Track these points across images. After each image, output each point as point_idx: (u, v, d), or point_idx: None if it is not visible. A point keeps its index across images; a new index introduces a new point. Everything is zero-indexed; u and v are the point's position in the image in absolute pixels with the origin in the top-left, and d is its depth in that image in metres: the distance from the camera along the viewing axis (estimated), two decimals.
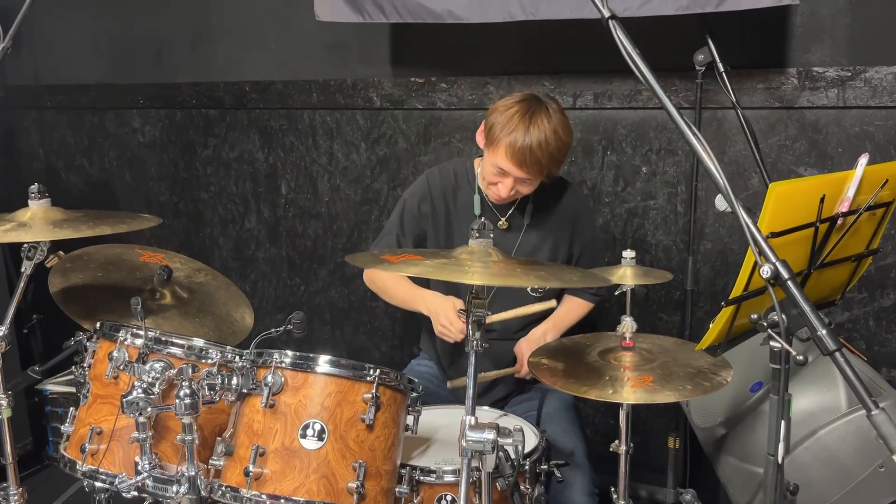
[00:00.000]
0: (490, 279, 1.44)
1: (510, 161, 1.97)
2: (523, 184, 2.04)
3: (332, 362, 1.57)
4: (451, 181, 2.23)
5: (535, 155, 1.95)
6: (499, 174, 2.02)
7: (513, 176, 2.00)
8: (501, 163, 1.99)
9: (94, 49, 3.50)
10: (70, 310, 1.99)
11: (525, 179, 2.01)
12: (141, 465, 1.56)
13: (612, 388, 1.60)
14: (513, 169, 1.98)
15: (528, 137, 1.94)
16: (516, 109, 1.98)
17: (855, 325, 2.45)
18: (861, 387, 1.09)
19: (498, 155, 1.99)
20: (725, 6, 2.20)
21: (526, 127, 1.95)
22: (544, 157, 1.96)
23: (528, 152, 1.94)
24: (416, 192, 2.26)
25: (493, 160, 2.01)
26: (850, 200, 1.45)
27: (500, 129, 1.97)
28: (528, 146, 1.94)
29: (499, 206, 2.18)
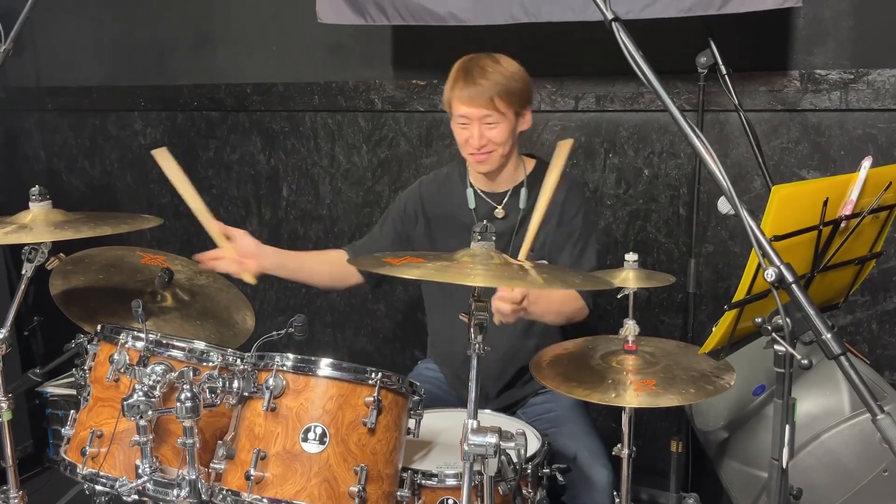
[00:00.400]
0: (492, 281, 1.43)
1: (462, 103, 2.00)
2: (488, 126, 2.02)
3: (334, 366, 1.56)
4: (444, 182, 2.25)
5: (480, 86, 1.98)
6: (463, 126, 2.04)
7: (474, 119, 2.01)
8: (458, 110, 2.02)
9: (96, 51, 3.50)
10: (71, 312, 1.99)
11: (485, 117, 2.00)
12: (142, 469, 1.55)
13: (615, 391, 1.60)
14: (468, 109, 2.00)
15: (469, 75, 2.01)
16: (455, 68, 2.06)
17: (858, 329, 2.45)
18: (866, 391, 1.08)
19: (454, 107, 2.04)
20: (728, 8, 2.20)
21: (466, 69, 2.03)
22: (490, 86, 1.98)
23: (473, 86, 1.99)
24: (407, 195, 2.29)
25: (454, 115, 2.05)
26: (854, 203, 1.45)
27: (449, 88, 2.06)
28: (471, 80, 1.99)
29: (493, 196, 2.17)
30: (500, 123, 2.02)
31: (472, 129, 2.02)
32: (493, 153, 2.06)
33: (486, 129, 2.02)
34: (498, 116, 2.01)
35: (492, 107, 1.99)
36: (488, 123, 2.02)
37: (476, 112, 2.00)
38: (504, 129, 2.03)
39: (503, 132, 2.04)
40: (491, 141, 2.04)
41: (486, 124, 2.02)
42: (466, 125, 2.04)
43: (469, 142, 2.04)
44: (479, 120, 2.01)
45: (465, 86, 2.00)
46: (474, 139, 2.03)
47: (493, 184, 2.18)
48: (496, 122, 2.02)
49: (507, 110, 2.02)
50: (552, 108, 2.72)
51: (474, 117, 2.01)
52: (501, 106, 2.00)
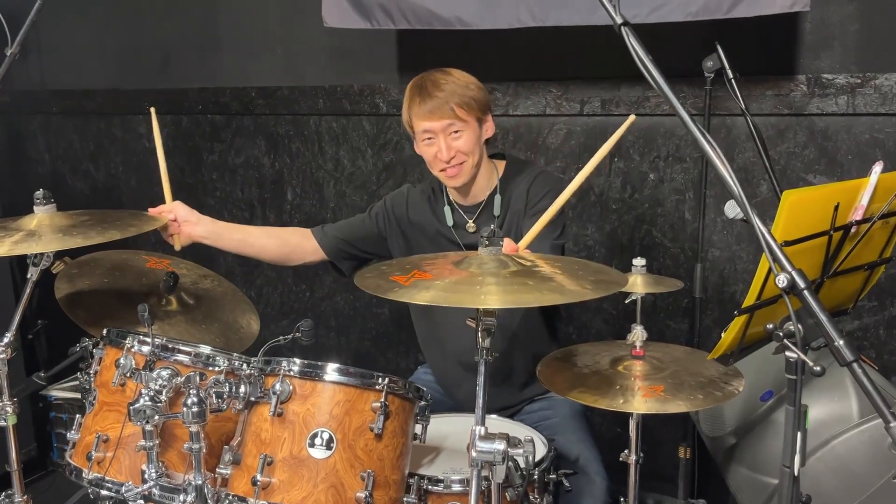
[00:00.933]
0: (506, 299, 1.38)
1: (423, 119, 2.00)
2: (453, 136, 2.00)
3: (341, 371, 1.55)
4: (429, 195, 2.21)
5: (437, 98, 1.98)
6: (428, 143, 2.03)
7: (438, 132, 2.00)
8: (420, 127, 2.01)
9: (101, 54, 3.50)
10: (76, 316, 1.99)
11: (448, 126, 1.99)
12: (147, 474, 1.55)
13: (623, 397, 1.59)
14: (430, 124, 1.99)
15: (423, 90, 2.01)
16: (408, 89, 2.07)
17: (865, 334, 2.44)
18: (879, 398, 1.08)
19: (416, 126, 2.03)
20: (735, 13, 2.20)
21: (420, 86, 2.03)
22: (446, 96, 1.98)
23: (430, 99, 1.98)
24: (395, 196, 2.27)
25: (418, 134, 2.04)
26: (864, 208, 1.44)
27: (406, 108, 2.05)
28: (427, 94, 1.99)
29: (467, 209, 2.15)
30: (465, 132, 2.01)
31: (439, 143, 2.00)
32: (464, 164, 2.03)
33: (451, 139, 2.00)
34: (461, 125, 2.00)
35: (453, 115, 1.98)
36: (453, 133, 2.00)
37: (438, 124, 1.99)
38: (470, 137, 2.02)
39: (470, 140, 2.02)
40: (459, 151, 2.01)
41: (451, 135, 2.00)
42: (431, 140, 2.02)
43: (437, 156, 2.02)
44: (442, 132, 2.00)
45: (423, 101, 1.99)
46: (442, 152, 2.00)
47: (468, 196, 2.14)
48: (461, 131, 2.00)
49: (468, 117, 2.00)
50: (557, 112, 2.72)
51: (438, 130, 1.99)
52: (462, 114, 1.99)
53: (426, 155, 2.06)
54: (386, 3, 2.60)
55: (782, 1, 2.15)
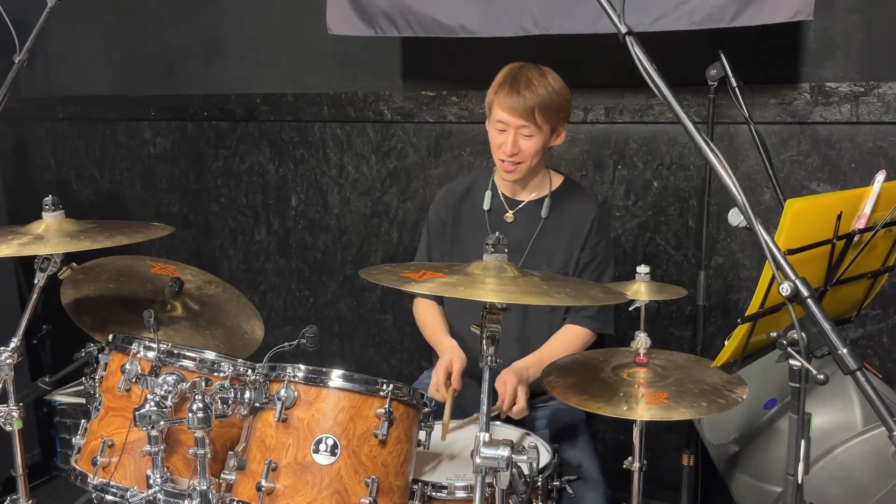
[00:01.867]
0: (505, 296, 1.42)
1: (503, 109, 2.03)
2: (524, 137, 2.05)
3: (345, 377, 1.56)
4: (468, 186, 2.28)
5: (523, 97, 2.01)
6: (499, 132, 2.07)
7: (511, 127, 2.04)
8: (497, 115, 2.05)
9: (107, 61, 3.52)
10: (81, 321, 1.99)
11: (522, 127, 2.03)
12: (153, 479, 1.55)
13: (627, 404, 1.59)
14: (507, 117, 2.03)
15: (515, 84, 2.04)
16: (502, 73, 2.10)
17: (869, 342, 2.44)
18: (882, 406, 1.08)
19: (493, 112, 2.07)
20: (738, 21, 2.21)
21: (513, 77, 2.06)
22: (533, 98, 2.02)
23: (517, 96, 2.02)
24: (436, 203, 2.33)
25: (492, 119, 2.08)
26: (867, 217, 1.44)
27: (493, 91, 2.08)
28: (516, 89, 2.03)
29: (510, 201, 2.20)
30: (535, 136, 2.05)
31: (508, 136, 2.05)
32: (521, 164, 2.08)
33: (520, 138, 2.05)
34: (534, 129, 2.04)
35: (531, 119, 2.02)
36: (524, 134, 2.05)
37: (515, 121, 2.03)
38: (537, 142, 2.06)
39: (536, 144, 2.06)
40: (522, 151, 2.06)
41: (521, 134, 2.05)
42: (503, 131, 2.06)
43: (502, 147, 2.07)
44: (515, 129, 2.04)
45: (510, 94, 2.03)
46: (507, 146, 2.05)
47: (516, 191, 2.20)
48: (532, 135, 2.05)
49: (544, 124, 2.04)
50: None
51: (512, 125, 2.04)
52: (540, 120, 2.03)
53: (493, 140, 2.11)
54: (390, 11, 2.61)
55: (786, 10, 2.15)
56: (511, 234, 2.12)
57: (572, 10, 2.37)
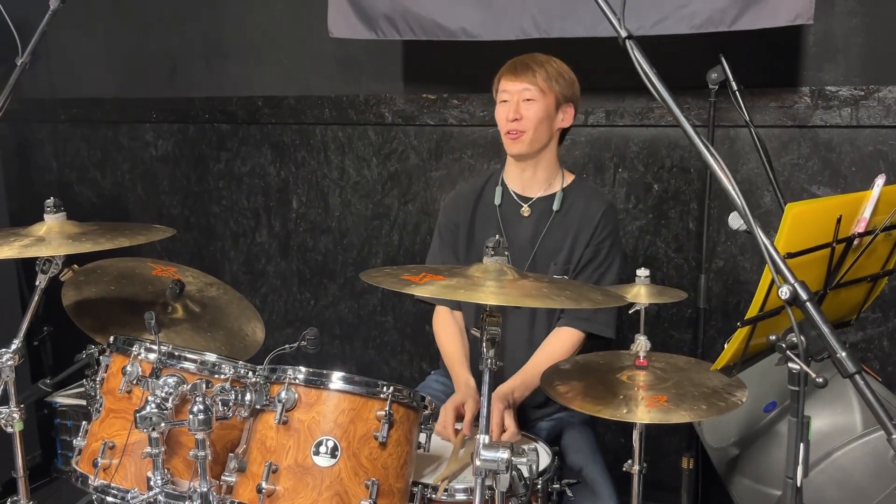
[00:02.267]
0: (505, 299, 1.42)
1: (507, 79, 2.06)
2: (525, 103, 2.04)
3: (346, 379, 1.56)
4: (479, 186, 2.25)
5: (526, 64, 2.05)
6: (504, 104, 2.07)
7: (514, 94, 2.05)
8: (501, 88, 2.08)
9: (109, 63, 3.53)
10: (82, 323, 2.00)
11: (524, 90, 2.04)
12: (153, 481, 1.55)
13: (627, 407, 1.59)
14: (510, 84, 2.05)
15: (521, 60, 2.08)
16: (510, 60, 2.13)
17: (869, 346, 2.44)
18: (881, 409, 1.08)
19: (500, 84, 2.09)
20: (739, 25, 2.21)
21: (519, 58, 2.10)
22: (537, 66, 2.04)
23: (519, 62, 2.06)
24: (446, 205, 2.30)
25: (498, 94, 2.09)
26: (867, 221, 1.45)
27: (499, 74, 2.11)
28: (522, 62, 2.06)
29: (521, 198, 2.16)
30: (538, 101, 2.04)
31: (511, 104, 2.05)
32: (524, 134, 2.05)
33: (523, 104, 2.04)
34: (537, 92, 2.03)
35: (533, 81, 2.03)
36: (526, 99, 2.04)
37: (517, 85, 2.04)
38: (540, 109, 2.04)
39: (539, 111, 2.04)
40: (525, 117, 2.04)
41: (524, 100, 2.04)
42: (506, 102, 2.06)
43: (506, 117, 2.06)
44: (518, 94, 2.04)
45: (514, 66, 2.06)
46: (510, 111, 2.04)
47: (526, 186, 2.17)
48: (533, 98, 2.04)
49: (547, 90, 2.04)
50: None
51: (514, 91, 2.04)
52: (543, 83, 2.03)
53: (498, 114, 2.10)
54: (391, 14, 2.62)
55: (786, 14, 2.16)
56: (525, 229, 2.13)
57: (573, 13, 2.38)
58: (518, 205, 2.16)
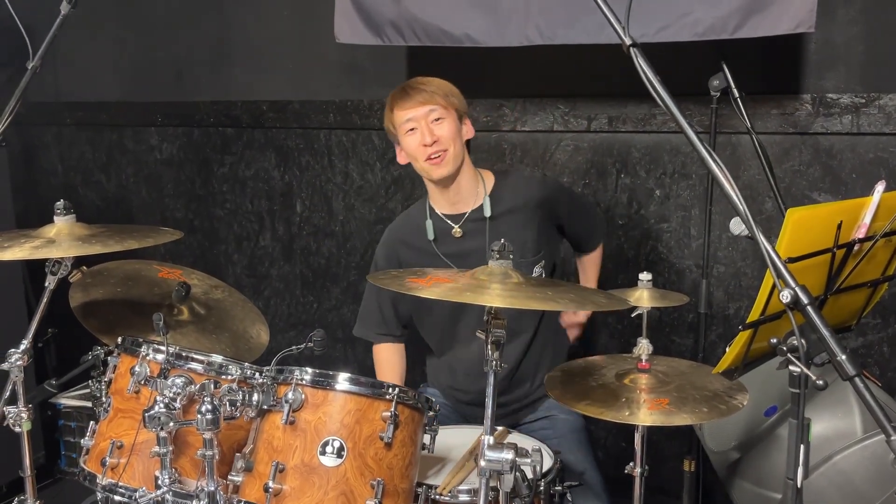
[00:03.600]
0: (510, 301, 1.44)
1: (404, 109, 2.06)
2: (435, 123, 2.06)
3: (352, 380, 1.58)
4: (408, 221, 2.25)
5: (417, 87, 2.07)
6: (412, 133, 2.07)
7: (420, 119, 2.05)
8: (401, 119, 2.07)
9: (115, 67, 3.55)
10: (89, 324, 2.01)
11: (430, 112, 2.05)
12: (161, 480, 1.57)
13: (629, 409, 1.61)
14: (412, 112, 2.05)
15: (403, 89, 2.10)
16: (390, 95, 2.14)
17: (869, 351, 2.45)
18: (880, 412, 1.10)
19: (397, 121, 2.09)
20: (741, 33, 2.23)
21: (400, 88, 2.12)
22: (428, 86, 2.07)
23: (409, 88, 2.08)
24: (380, 248, 2.29)
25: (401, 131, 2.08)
26: (867, 227, 1.46)
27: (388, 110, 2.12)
28: (408, 89, 2.08)
29: (453, 217, 2.16)
30: (446, 119, 2.06)
31: (421, 129, 2.05)
32: (446, 152, 2.06)
33: (434, 125, 2.05)
34: (442, 111, 2.06)
35: (434, 101, 2.05)
36: (435, 120, 2.05)
37: (420, 110, 2.05)
38: (451, 126, 2.07)
39: (451, 128, 2.06)
40: (441, 137, 2.05)
41: (433, 122, 2.05)
42: (414, 130, 2.06)
43: (422, 143, 2.05)
44: (425, 118, 2.05)
45: (404, 95, 2.07)
46: (425, 137, 2.04)
47: (455, 204, 2.16)
48: (442, 118, 2.06)
49: (448, 105, 2.06)
50: (565, 129, 2.75)
51: (420, 117, 2.05)
52: (443, 101, 2.06)
53: (409, 146, 2.08)
54: (396, 20, 2.64)
55: (788, 22, 2.18)
56: (464, 247, 2.13)
57: (577, 20, 2.39)
58: (450, 227, 2.16)
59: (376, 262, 2.29)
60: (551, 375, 1.82)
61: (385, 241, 2.28)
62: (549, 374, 1.83)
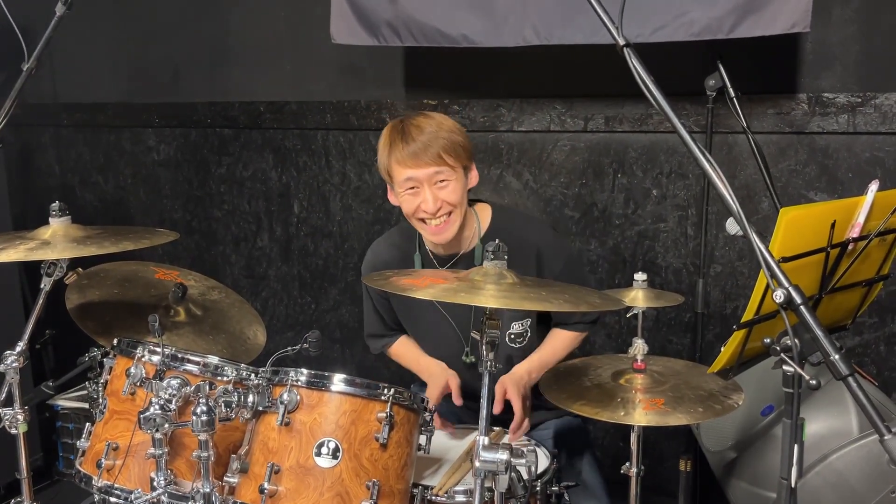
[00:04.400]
0: (505, 302, 1.45)
1: (405, 165, 1.83)
2: (439, 186, 1.85)
3: (347, 381, 1.58)
4: (396, 251, 2.11)
5: (421, 142, 1.82)
6: (412, 192, 1.86)
7: (423, 182, 1.84)
8: (401, 176, 1.85)
9: (112, 68, 3.56)
10: (86, 326, 2.01)
11: (434, 175, 1.83)
12: (156, 481, 1.57)
13: (624, 410, 1.61)
14: (414, 172, 1.83)
15: (406, 134, 1.84)
16: (386, 133, 1.90)
17: (865, 350, 2.46)
18: (874, 411, 1.10)
19: (395, 174, 1.86)
20: (736, 33, 2.23)
21: (401, 130, 1.86)
22: (432, 140, 1.82)
23: (414, 143, 1.82)
24: (365, 268, 2.19)
25: (398, 182, 1.87)
26: (861, 226, 1.46)
27: (385, 153, 1.88)
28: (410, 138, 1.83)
29: (441, 259, 2.02)
30: (452, 181, 1.85)
31: (423, 193, 1.84)
32: (451, 216, 1.87)
33: (438, 189, 1.84)
34: (448, 172, 1.84)
35: (440, 161, 1.82)
36: (440, 182, 1.84)
37: (424, 172, 1.83)
38: (458, 187, 1.86)
39: (457, 190, 1.86)
40: (446, 202, 1.85)
41: (436, 184, 1.84)
42: (415, 190, 1.85)
43: (422, 207, 1.85)
44: (428, 181, 1.84)
45: (405, 144, 1.82)
46: (428, 203, 1.83)
47: (447, 247, 2.00)
48: (448, 180, 1.85)
49: (455, 164, 1.85)
50: (562, 129, 2.76)
51: (423, 178, 1.83)
52: (450, 160, 1.83)
53: (407, 206, 1.88)
54: (393, 21, 2.64)
55: (783, 22, 2.18)
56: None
57: (573, 20, 2.40)
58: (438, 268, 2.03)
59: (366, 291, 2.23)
60: (546, 378, 1.83)
61: (371, 262, 2.15)
62: (544, 375, 1.83)
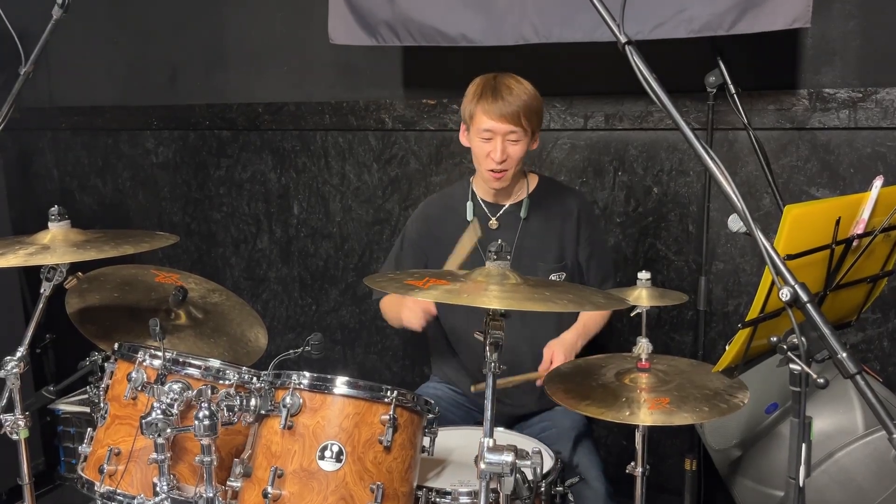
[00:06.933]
0: (508, 303, 1.44)
1: (490, 117, 2.06)
2: (510, 142, 2.08)
3: (350, 384, 1.57)
4: (449, 201, 2.31)
5: (508, 102, 2.05)
6: (486, 140, 2.09)
7: (499, 134, 2.07)
8: (482, 124, 2.07)
9: (109, 71, 3.54)
10: (86, 330, 2.01)
11: (510, 133, 2.06)
12: (159, 487, 1.56)
13: (629, 409, 1.60)
14: (495, 124, 2.05)
15: (496, 92, 2.07)
16: (478, 83, 2.13)
17: (869, 346, 2.45)
18: (882, 409, 1.09)
19: (477, 121, 2.09)
20: (737, 29, 2.23)
21: (493, 86, 2.09)
22: (517, 103, 2.05)
23: (502, 101, 2.05)
24: (414, 220, 2.37)
25: (476, 129, 2.10)
26: (866, 222, 1.46)
27: (473, 101, 2.10)
28: (500, 95, 2.06)
29: (491, 207, 2.24)
30: (521, 141, 2.09)
31: (495, 144, 2.08)
32: (508, 171, 2.12)
33: (508, 144, 2.08)
34: (521, 133, 2.08)
35: (518, 123, 2.06)
36: (511, 140, 2.08)
37: (503, 127, 2.06)
38: (523, 147, 2.11)
39: (522, 149, 2.11)
40: (511, 157, 2.10)
41: (509, 140, 2.08)
42: (489, 139, 2.09)
43: (490, 155, 2.09)
44: (503, 135, 2.07)
45: (494, 101, 2.06)
46: (496, 153, 2.08)
47: (497, 196, 2.24)
48: (518, 140, 2.09)
49: (528, 128, 2.09)
50: (562, 127, 2.75)
51: (499, 132, 2.07)
52: (525, 123, 2.07)
53: (478, 150, 2.12)
54: (391, 21, 2.63)
55: (783, 18, 2.17)
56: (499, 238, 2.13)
57: (572, 18, 2.39)
58: (488, 217, 2.24)
59: (404, 237, 2.36)
60: (550, 376, 1.82)
61: (420, 215, 2.36)
62: (548, 375, 1.82)
